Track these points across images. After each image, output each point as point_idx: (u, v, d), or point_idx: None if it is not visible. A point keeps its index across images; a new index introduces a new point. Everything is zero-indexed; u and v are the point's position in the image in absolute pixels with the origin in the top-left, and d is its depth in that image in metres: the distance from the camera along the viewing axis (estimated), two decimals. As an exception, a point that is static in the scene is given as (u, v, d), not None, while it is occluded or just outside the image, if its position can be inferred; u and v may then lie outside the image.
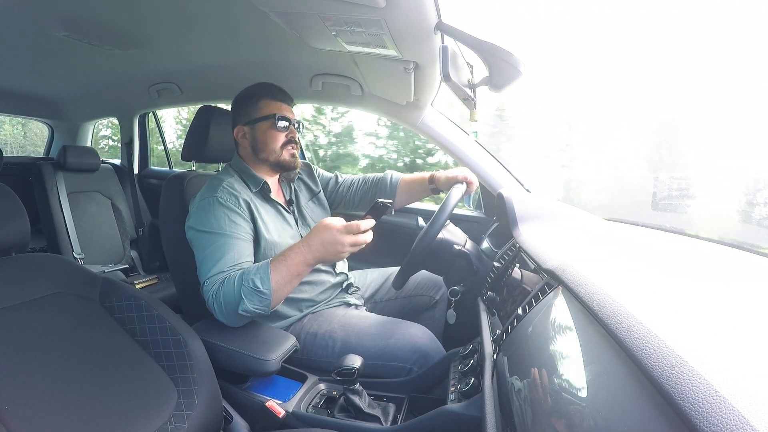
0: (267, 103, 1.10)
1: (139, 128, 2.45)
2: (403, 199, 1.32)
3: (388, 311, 1.24)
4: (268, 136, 1.09)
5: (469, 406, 0.73)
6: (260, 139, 1.10)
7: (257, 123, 1.10)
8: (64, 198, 1.95)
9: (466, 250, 1.10)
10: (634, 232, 1.08)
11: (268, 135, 1.09)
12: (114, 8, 1.11)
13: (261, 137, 1.10)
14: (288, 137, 1.11)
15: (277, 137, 1.10)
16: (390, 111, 1.47)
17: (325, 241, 0.86)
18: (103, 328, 0.83)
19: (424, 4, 0.76)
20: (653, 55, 3.68)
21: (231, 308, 0.89)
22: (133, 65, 1.62)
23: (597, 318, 0.43)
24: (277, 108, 1.10)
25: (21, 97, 2.23)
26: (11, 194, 0.82)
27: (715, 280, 0.62)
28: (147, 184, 2.46)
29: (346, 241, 0.85)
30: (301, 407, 0.90)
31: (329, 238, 0.86)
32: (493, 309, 0.89)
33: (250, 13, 0.98)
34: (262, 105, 1.10)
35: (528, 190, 1.44)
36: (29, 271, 0.83)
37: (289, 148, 1.12)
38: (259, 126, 1.10)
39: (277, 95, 1.11)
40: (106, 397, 0.73)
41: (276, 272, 0.88)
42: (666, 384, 0.30)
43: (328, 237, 0.86)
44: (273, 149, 1.10)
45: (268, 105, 1.10)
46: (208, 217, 0.97)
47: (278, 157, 1.11)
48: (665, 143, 2.21)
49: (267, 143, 1.10)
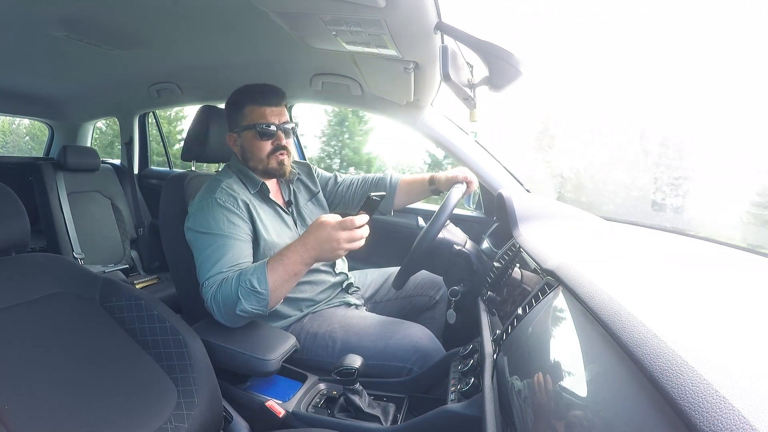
0: (251, 110, 1.06)
1: (139, 128, 2.45)
2: (403, 200, 1.32)
3: (388, 311, 1.24)
4: (254, 146, 1.07)
5: (469, 406, 0.73)
6: (247, 147, 1.08)
7: (243, 132, 1.08)
8: (64, 198, 1.95)
9: (466, 250, 1.10)
10: (633, 232, 1.08)
11: (254, 144, 1.07)
12: (114, 8, 1.11)
13: (247, 146, 1.08)
14: (274, 144, 1.07)
15: (263, 146, 1.07)
16: (390, 111, 1.47)
17: (321, 239, 0.86)
18: (103, 328, 0.83)
19: (424, 4, 0.76)
20: (653, 54, 3.68)
21: (229, 309, 0.88)
22: (133, 65, 1.62)
23: (597, 318, 0.43)
24: (261, 115, 1.05)
25: (21, 97, 2.23)
26: (11, 194, 0.82)
27: (715, 280, 0.62)
28: (147, 184, 2.46)
29: (342, 238, 0.84)
30: (301, 407, 0.90)
31: (325, 236, 0.85)
32: (493, 309, 0.89)
33: (250, 13, 0.98)
34: (247, 112, 1.06)
35: (528, 190, 1.44)
36: (29, 271, 0.83)
37: (277, 156, 1.08)
38: (245, 135, 1.08)
39: (260, 100, 1.06)
40: (106, 396, 0.73)
41: (273, 272, 0.87)
42: (666, 384, 0.30)
43: (324, 235, 0.85)
44: (260, 158, 1.08)
45: (252, 112, 1.06)
46: (207, 218, 0.97)
47: (266, 165, 1.08)
48: (665, 143, 2.21)
49: (253, 152, 1.07)
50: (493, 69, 0.86)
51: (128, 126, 2.42)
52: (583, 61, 4.31)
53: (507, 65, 0.84)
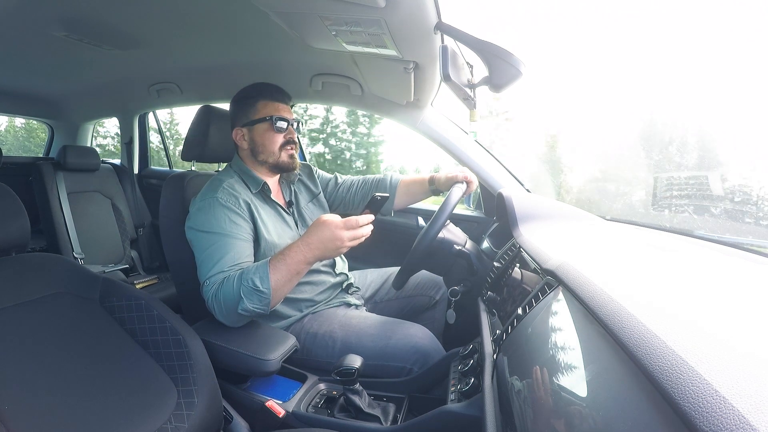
0: (264, 104, 1.09)
1: (139, 128, 2.45)
2: (403, 201, 1.32)
3: (388, 311, 1.24)
4: (266, 138, 1.09)
5: (469, 406, 0.73)
6: (258, 140, 1.10)
7: (255, 125, 1.09)
8: (64, 198, 1.95)
9: (466, 250, 1.10)
10: (634, 232, 1.08)
11: (266, 137, 1.09)
12: (114, 8, 1.11)
13: (259, 139, 1.10)
14: (286, 138, 1.10)
15: (276, 139, 1.09)
16: (390, 111, 1.47)
17: (324, 238, 0.86)
18: (103, 328, 0.83)
19: (424, 4, 0.76)
20: (652, 54, 3.68)
21: (231, 308, 0.89)
22: (133, 65, 1.62)
23: (597, 318, 0.43)
24: (275, 109, 1.09)
25: (21, 97, 2.23)
26: (11, 194, 0.82)
27: (716, 279, 0.62)
28: (147, 184, 2.46)
29: (345, 237, 0.85)
30: (301, 407, 0.90)
31: (328, 235, 0.86)
32: (493, 309, 0.89)
33: (250, 13, 0.98)
34: (260, 106, 1.09)
35: (528, 190, 1.44)
36: (29, 271, 0.83)
37: (288, 149, 1.11)
38: (257, 128, 1.09)
39: (274, 95, 1.11)
40: (106, 396, 0.73)
41: (276, 271, 0.88)
42: (666, 384, 0.30)
43: (327, 234, 0.86)
44: (272, 151, 1.10)
45: (266, 106, 1.09)
46: (209, 218, 0.97)
47: (277, 158, 1.10)
48: (665, 143, 2.21)
49: (265, 145, 1.09)
50: (493, 69, 0.86)
51: (128, 126, 2.42)
52: (584, 61, 4.31)
53: (507, 65, 0.84)
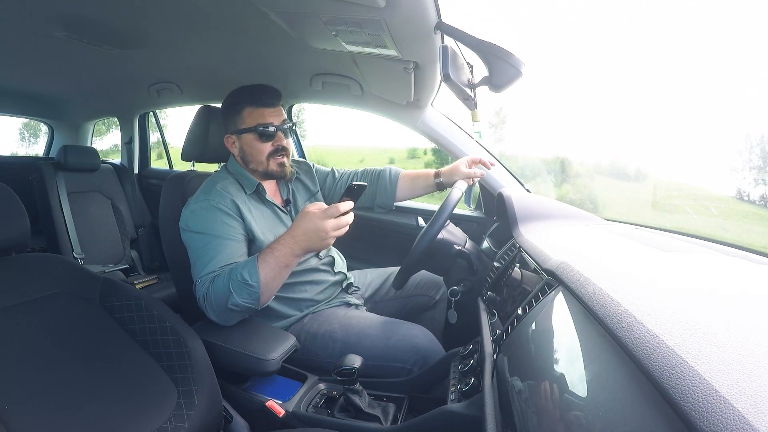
0: (249, 111, 1.06)
1: (139, 128, 2.45)
2: (405, 194, 1.31)
3: (388, 311, 1.24)
4: (254, 148, 1.07)
5: (469, 406, 0.73)
6: (247, 150, 1.08)
7: (242, 134, 1.07)
8: (64, 198, 1.96)
9: (466, 250, 1.10)
10: (634, 232, 1.08)
11: (254, 146, 1.07)
12: (114, 8, 1.10)
13: (247, 148, 1.08)
14: (275, 146, 1.07)
15: (263, 148, 1.07)
16: (390, 111, 1.47)
17: (308, 229, 0.86)
18: (103, 328, 0.83)
19: (424, 4, 0.76)
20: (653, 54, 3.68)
21: (221, 304, 0.89)
22: (133, 65, 1.62)
23: (597, 318, 0.43)
24: (260, 116, 1.06)
25: (21, 97, 2.23)
26: (11, 194, 0.82)
27: (716, 280, 0.62)
28: (147, 184, 2.46)
29: (328, 226, 0.84)
30: (301, 407, 0.90)
31: (312, 227, 0.85)
32: (493, 309, 0.89)
33: (250, 13, 0.98)
34: (245, 114, 1.06)
35: (528, 190, 1.44)
36: (29, 271, 0.83)
37: (277, 158, 1.08)
38: (244, 137, 1.08)
39: (258, 101, 1.06)
40: (106, 396, 0.73)
41: (264, 265, 0.88)
42: (666, 384, 0.30)
43: (311, 225, 0.85)
44: (260, 161, 1.08)
45: (251, 114, 1.06)
46: (201, 219, 0.98)
47: (266, 167, 1.09)
48: (665, 143, 2.21)
49: (253, 155, 1.08)
50: (493, 69, 0.86)
51: (128, 126, 2.42)
52: (584, 61, 4.32)
53: (507, 65, 0.84)
